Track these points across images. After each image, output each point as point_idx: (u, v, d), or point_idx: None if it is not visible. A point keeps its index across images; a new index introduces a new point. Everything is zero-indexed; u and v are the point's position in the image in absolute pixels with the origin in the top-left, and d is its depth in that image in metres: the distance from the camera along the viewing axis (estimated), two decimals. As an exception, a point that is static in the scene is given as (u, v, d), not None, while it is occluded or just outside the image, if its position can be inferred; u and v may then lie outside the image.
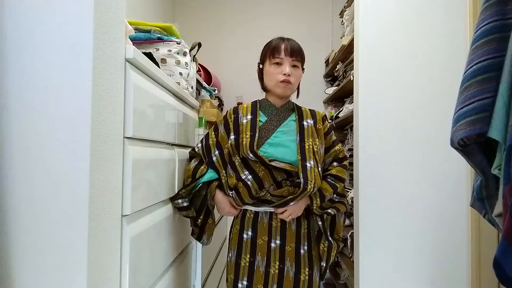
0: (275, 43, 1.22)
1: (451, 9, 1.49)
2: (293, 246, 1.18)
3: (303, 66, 1.25)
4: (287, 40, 1.23)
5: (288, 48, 1.19)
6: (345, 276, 1.90)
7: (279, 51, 1.19)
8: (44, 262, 0.58)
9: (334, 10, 2.60)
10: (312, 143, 1.19)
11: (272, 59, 1.20)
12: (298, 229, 1.20)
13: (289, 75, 1.18)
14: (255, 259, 1.16)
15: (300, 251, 1.18)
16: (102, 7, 0.62)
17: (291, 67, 1.19)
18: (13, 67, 0.59)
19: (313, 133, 1.22)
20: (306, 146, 1.18)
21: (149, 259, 0.87)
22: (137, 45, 0.94)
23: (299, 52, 1.21)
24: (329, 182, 1.20)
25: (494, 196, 0.79)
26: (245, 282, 1.15)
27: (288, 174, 1.15)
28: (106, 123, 0.64)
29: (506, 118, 0.68)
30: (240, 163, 1.16)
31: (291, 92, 1.24)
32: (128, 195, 0.74)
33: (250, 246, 1.18)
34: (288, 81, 1.18)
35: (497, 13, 0.73)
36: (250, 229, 1.18)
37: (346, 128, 2.18)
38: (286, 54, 1.18)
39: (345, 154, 1.28)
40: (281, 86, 1.19)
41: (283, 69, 1.18)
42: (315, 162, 1.16)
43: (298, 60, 1.20)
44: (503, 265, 0.66)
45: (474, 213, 1.42)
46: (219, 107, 2.40)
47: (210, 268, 1.71)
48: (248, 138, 1.15)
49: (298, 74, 1.21)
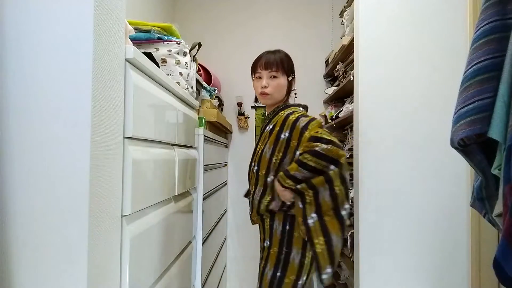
0: (255, 60, 1.41)
1: (451, 9, 1.49)
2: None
3: (289, 73, 1.38)
4: (266, 54, 1.38)
5: (263, 63, 1.35)
6: (345, 276, 1.90)
7: (257, 67, 1.38)
8: (44, 262, 0.58)
9: (334, 10, 2.60)
10: (260, 146, 1.34)
11: (254, 75, 1.40)
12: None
13: (265, 87, 1.34)
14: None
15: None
16: (102, 7, 0.62)
17: (268, 79, 1.35)
18: (13, 67, 0.59)
19: (266, 138, 1.33)
20: (257, 149, 1.36)
21: (149, 259, 0.87)
22: (137, 45, 0.94)
23: (274, 63, 1.34)
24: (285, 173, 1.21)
25: (494, 196, 0.79)
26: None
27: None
28: (106, 123, 0.64)
29: (506, 118, 0.68)
30: None
31: (272, 101, 1.37)
32: (128, 195, 0.74)
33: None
34: (265, 92, 1.34)
35: (497, 13, 0.73)
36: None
37: (346, 128, 2.18)
38: (262, 69, 1.36)
39: (314, 133, 1.18)
40: (261, 98, 1.38)
41: (261, 82, 1.35)
42: (254, 163, 1.34)
43: (275, 71, 1.34)
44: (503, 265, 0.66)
45: (474, 213, 1.42)
46: (219, 107, 2.40)
47: (210, 268, 1.72)
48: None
49: (275, 84, 1.35)
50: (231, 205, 2.64)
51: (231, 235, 2.63)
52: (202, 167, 1.47)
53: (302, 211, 1.18)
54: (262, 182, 1.30)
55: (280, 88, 1.36)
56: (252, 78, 1.43)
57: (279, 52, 1.39)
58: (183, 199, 1.23)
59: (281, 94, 1.37)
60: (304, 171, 1.15)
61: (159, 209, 0.97)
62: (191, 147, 1.39)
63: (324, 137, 1.15)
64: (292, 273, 1.23)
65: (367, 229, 1.47)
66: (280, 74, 1.35)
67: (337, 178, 1.15)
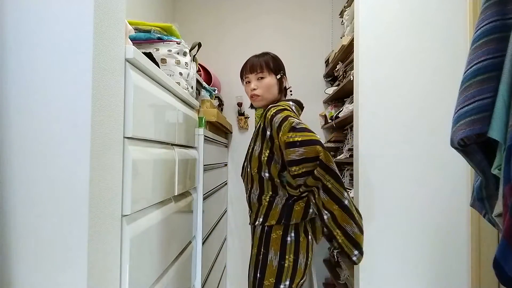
0: (242, 66, 1.44)
1: (451, 9, 1.49)
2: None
3: (277, 72, 1.39)
4: (252, 58, 1.41)
5: (248, 67, 1.39)
6: (345, 276, 1.90)
7: (243, 72, 1.42)
8: (43, 262, 0.58)
9: (334, 10, 2.60)
10: (252, 145, 1.36)
11: (243, 80, 1.44)
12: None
13: (254, 89, 1.37)
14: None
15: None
16: (102, 7, 0.62)
17: (256, 81, 1.37)
18: (13, 67, 0.59)
19: (255, 135, 1.35)
20: (250, 149, 1.37)
21: (149, 259, 0.87)
22: (137, 45, 0.94)
23: (259, 65, 1.37)
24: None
25: (494, 196, 0.79)
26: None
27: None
28: (106, 123, 0.64)
29: (506, 118, 0.68)
30: None
31: (264, 102, 1.39)
32: (128, 195, 0.74)
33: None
34: (255, 94, 1.37)
35: (497, 13, 0.73)
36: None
37: (346, 128, 2.18)
38: (248, 73, 1.39)
39: (287, 138, 1.14)
40: (253, 101, 1.41)
41: (250, 86, 1.38)
42: (247, 162, 1.36)
43: (261, 72, 1.36)
44: (503, 265, 0.66)
45: (474, 213, 1.42)
46: (219, 107, 2.40)
47: (210, 268, 1.71)
48: None
49: (264, 84, 1.37)
50: (231, 205, 2.64)
51: (231, 235, 2.63)
52: (202, 167, 1.47)
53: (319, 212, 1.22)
54: (257, 181, 1.30)
55: (269, 87, 1.36)
56: (243, 84, 1.45)
57: (265, 54, 1.41)
58: (183, 199, 1.23)
59: (272, 93, 1.38)
60: (302, 178, 1.16)
61: (159, 209, 0.97)
62: (191, 147, 1.39)
63: (296, 140, 1.12)
64: (271, 275, 1.21)
65: (367, 229, 1.47)
66: (267, 73, 1.36)
67: (325, 173, 1.13)
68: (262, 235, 1.26)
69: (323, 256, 2.53)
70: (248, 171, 1.34)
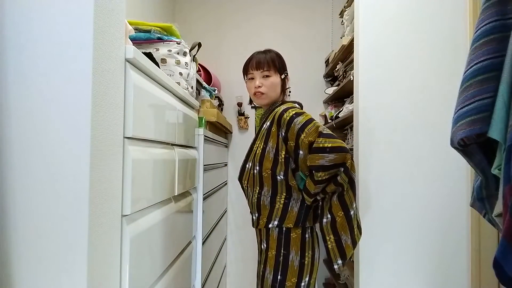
0: (246, 62, 1.40)
1: (451, 9, 1.49)
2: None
3: (281, 71, 1.37)
4: (257, 54, 1.38)
5: (254, 63, 1.35)
6: (345, 276, 1.90)
7: (248, 68, 1.38)
8: (44, 262, 0.58)
9: (334, 10, 2.60)
10: (258, 145, 1.31)
11: (246, 76, 1.40)
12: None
13: (259, 86, 1.34)
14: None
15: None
16: (102, 7, 0.62)
17: (262, 78, 1.34)
18: (13, 67, 0.59)
19: (264, 136, 1.31)
20: (254, 148, 1.34)
21: (149, 259, 0.87)
22: (137, 45, 0.94)
23: (266, 63, 1.34)
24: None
25: (494, 196, 0.79)
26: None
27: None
28: (106, 123, 0.64)
29: (506, 118, 0.68)
30: None
31: (267, 101, 1.37)
32: (128, 195, 0.74)
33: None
34: (259, 92, 1.34)
35: (497, 13, 0.73)
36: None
37: (346, 128, 2.18)
38: (253, 69, 1.35)
39: (313, 138, 1.17)
40: (255, 98, 1.37)
41: (254, 83, 1.35)
42: (252, 163, 1.30)
43: (267, 70, 1.34)
44: (503, 265, 0.66)
45: (474, 213, 1.42)
46: (219, 107, 2.40)
47: (210, 268, 1.72)
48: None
49: (269, 83, 1.34)
50: (231, 205, 2.64)
51: (231, 235, 2.63)
52: (202, 167, 1.47)
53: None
54: (268, 182, 1.25)
55: (274, 86, 1.35)
56: (245, 80, 1.42)
57: (270, 51, 1.38)
58: (183, 199, 1.23)
59: (276, 92, 1.36)
60: (322, 184, 1.17)
61: (159, 209, 0.97)
62: (191, 147, 1.39)
63: (326, 146, 1.14)
64: (293, 275, 1.22)
65: (367, 229, 1.47)
66: (273, 72, 1.35)
67: (346, 182, 1.17)
68: (280, 236, 1.24)
69: (323, 256, 2.53)
70: (255, 173, 1.28)
